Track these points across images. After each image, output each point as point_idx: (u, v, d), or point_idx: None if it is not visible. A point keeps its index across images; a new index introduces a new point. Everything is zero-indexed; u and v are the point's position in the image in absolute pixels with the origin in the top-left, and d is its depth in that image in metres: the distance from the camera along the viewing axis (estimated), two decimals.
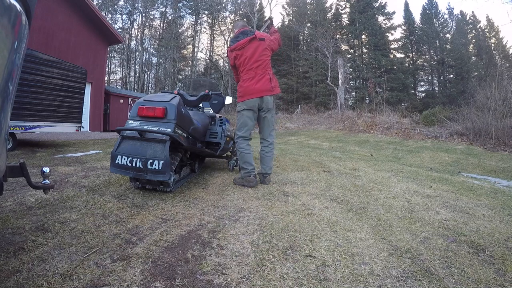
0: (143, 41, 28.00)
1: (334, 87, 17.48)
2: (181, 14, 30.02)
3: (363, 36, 27.58)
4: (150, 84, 28.91)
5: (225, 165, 3.44)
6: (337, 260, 1.15)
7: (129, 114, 1.90)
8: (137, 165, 1.68)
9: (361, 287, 0.97)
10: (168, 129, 1.74)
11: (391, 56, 28.46)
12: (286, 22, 31.71)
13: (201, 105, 3.05)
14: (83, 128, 6.49)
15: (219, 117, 2.90)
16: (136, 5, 27.38)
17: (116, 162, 1.72)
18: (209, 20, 30.50)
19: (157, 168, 1.66)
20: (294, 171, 3.22)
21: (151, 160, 1.66)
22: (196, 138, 2.38)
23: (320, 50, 21.55)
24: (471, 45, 28.60)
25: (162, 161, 1.66)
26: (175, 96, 1.92)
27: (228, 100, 2.99)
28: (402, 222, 1.65)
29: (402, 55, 29.51)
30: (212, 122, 2.84)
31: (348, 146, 7.80)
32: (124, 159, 1.70)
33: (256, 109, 2.43)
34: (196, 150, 2.36)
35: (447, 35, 29.39)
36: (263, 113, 2.48)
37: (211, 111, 3.01)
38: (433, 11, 30.24)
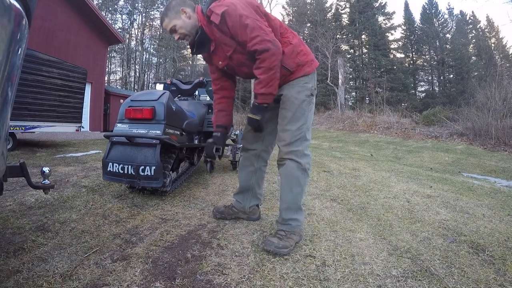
0: (143, 41, 28.02)
1: (334, 87, 17.47)
2: None
3: (363, 36, 27.57)
4: (150, 84, 28.89)
5: (225, 164, 3.44)
6: (337, 260, 1.15)
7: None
8: (129, 172, 1.61)
9: (361, 287, 0.97)
10: (158, 131, 1.66)
11: (391, 56, 28.43)
12: (286, 22, 31.71)
13: (196, 93, 2.94)
14: (83, 128, 6.49)
15: None
16: (136, 5, 27.39)
17: (108, 169, 1.65)
18: None
19: (149, 174, 1.59)
20: None
21: (142, 167, 1.60)
22: (192, 132, 2.29)
23: (320, 50, 21.52)
24: (471, 45, 28.58)
25: (154, 167, 1.59)
26: (164, 93, 1.81)
27: None
28: (402, 222, 1.65)
29: (402, 55, 29.50)
30: (210, 110, 2.71)
31: (348, 146, 7.80)
32: (116, 166, 1.64)
33: None
34: (192, 145, 2.30)
35: (447, 35, 29.38)
36: None
37: (208, 98, 2.91)
38: (433, 11, 30.23)
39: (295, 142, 1.26)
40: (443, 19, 30.32)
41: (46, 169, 1.20)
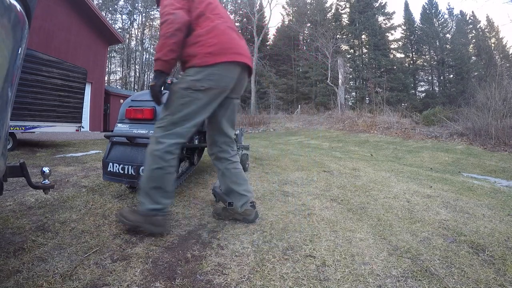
0: (143, 41, 28.03)
1: (334, 87, 17.48)
2: None
3: (363, 36, 27.58)
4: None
5: None
6: (337, 260, 1.14)
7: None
8: (129, 172, 1.61)
9: (361, 287, 0.97)
10: None
11: (391, 56, 28.45)
12: (286, 22, 31.72)
13: None
14: (83, 128, 6.49)
15: None
16: (136, 5, 27.41)
17: (108, 169, 1.66)
18: None
19: None
20: (294, 171, 3.22)
21: (142, 167, 1.57)
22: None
23: (320, 50, 21.54)
24: (471, 45, 28.60)
25: None
26: (165, 93, 1.79)
27: None
28: (402, 222, 1.65)
29: (402, 55, 29.52)
30: None
31: (348, 146, 7.80)
32: (116, 166, 1.64)
33: (226, 91, 1.34)
34: (192, 145, 2.31)
35: (447, 35, 29.39)
36: (232, 99, 1.45)
37: None
38: (433, 11, 30.25)
39: (156, 129, 1.29)
40: (443, 19, 30.34)
41: (46, 169, 1.20)
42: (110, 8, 26.26)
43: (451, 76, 27.75)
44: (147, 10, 28.11)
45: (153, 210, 1.25)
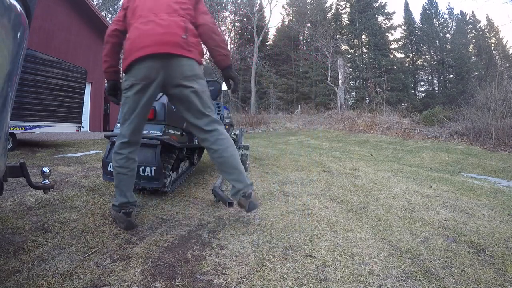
0: None
1: (334, 87, 17.48)
2: None
3: (363, 36, 27.57)
4: None
5: None
6: (337, 260, 1.15)
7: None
8: None
9: (361, 287, 0.97)
10: (158, 132, 1.67)
11: (391, 56, 28.44)
12: (286, 22, 31.72)
13: None
14: (83, 128, 6.49)
15: (216, 104, 2.81)
16: None
17: (108, 169, 1.67)
18: None
19: (149, 175, 1.61)
20: (294, 171, 3.22)
21: (142, 167, 1.61)
22: (192, 132, 2.32)
23: (320, 50, 21.54)
24: (471, 45, 28.60)
25: (154, 168, 1.60)
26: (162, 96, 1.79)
27: (225, 86, 2.86)
28: (402, 222, 1.65)
29: (402, 55, 29.51)
30: None
31: (348, 146, 7.79)
32: None
33: (152, 82, 1.30)
34: (192, 145, 2.30)
35: (447, 35, 29.40)
36: (179, 88, 1.34)
37: None
38: (433, 11, 30.25)
39: None
40: (443, 19, 30.34)
41: (46, 169, 1.20)
42: (110, 8, 26.27)
43: (451, 76, 27.76)
44: None
45: (113, 206, 1.42)
